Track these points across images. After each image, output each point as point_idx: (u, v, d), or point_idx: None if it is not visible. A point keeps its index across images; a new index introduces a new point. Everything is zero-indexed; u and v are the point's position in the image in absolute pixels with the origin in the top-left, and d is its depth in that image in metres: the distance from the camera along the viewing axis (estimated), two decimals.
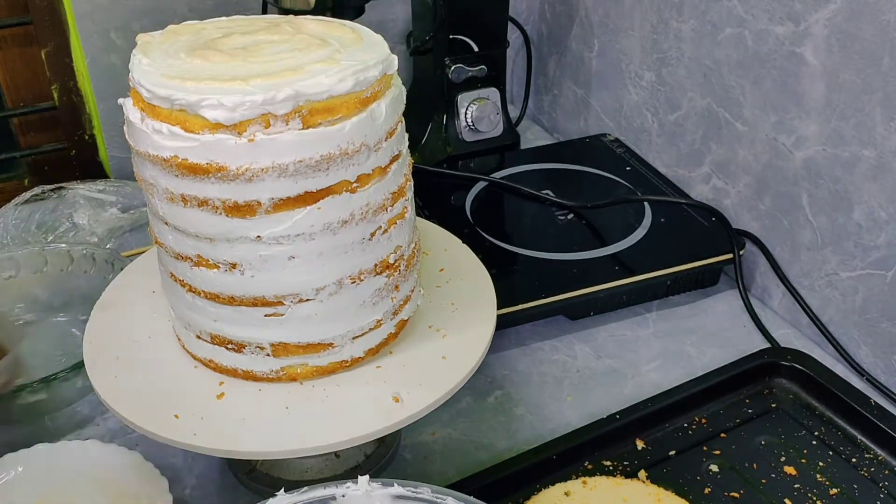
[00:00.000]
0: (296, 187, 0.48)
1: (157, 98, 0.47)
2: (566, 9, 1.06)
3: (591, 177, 0.94)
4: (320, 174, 0.48)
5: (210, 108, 0.45)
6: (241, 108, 0.45)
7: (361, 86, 0.48)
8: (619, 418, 0.64)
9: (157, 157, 0.48)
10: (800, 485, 0.60)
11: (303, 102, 0.46)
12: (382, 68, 0.50)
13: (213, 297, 0.51)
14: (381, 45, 0.52)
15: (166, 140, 0.47)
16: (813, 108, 0.72)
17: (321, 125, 0.47)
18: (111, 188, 0.94)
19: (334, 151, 0.48)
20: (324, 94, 0.46)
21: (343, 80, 0.47)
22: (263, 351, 0.53)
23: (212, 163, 0.46)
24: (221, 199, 0.48)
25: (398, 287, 0.56)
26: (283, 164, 0.46)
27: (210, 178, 0.47)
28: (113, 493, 0.58)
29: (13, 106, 0.95)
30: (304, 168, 0.47)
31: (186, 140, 0.46)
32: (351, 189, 0.49)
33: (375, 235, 0.52)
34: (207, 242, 0.50)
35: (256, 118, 0.45)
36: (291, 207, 0.48)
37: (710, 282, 0.83)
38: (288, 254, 0.49)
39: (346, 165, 0.49)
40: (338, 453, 0.62)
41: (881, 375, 0.72)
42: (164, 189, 0.49)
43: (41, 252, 0.77)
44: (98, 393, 0.54)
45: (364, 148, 0.49)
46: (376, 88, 0.50)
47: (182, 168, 0.47)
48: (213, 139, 0.46)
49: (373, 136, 0.49)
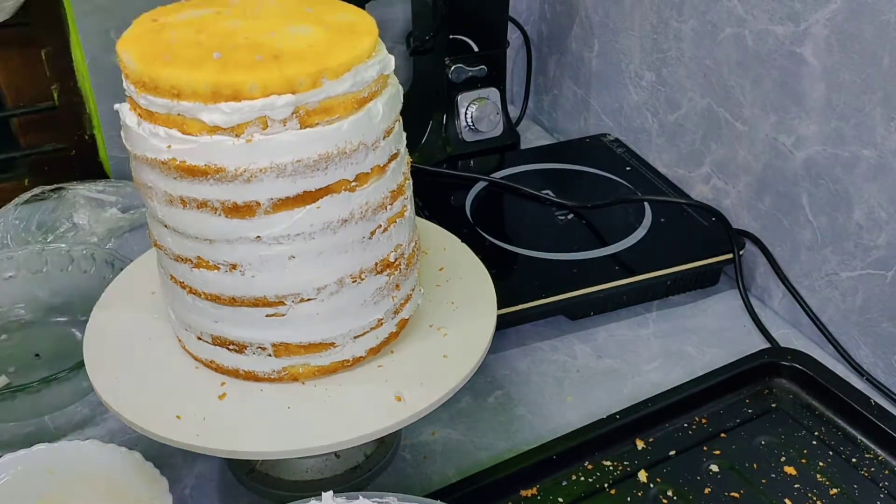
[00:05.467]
0: (294, 187, 0.48)
1: (154, 105, 0.47)
2: (566, 9, 1.06)
3: (591, 177, 0.94)
4: (319, 173, 0.48)
5: (208, 113, 0.45)
6: (238, 112, 0.45)
7: (358, 86, 0.48)
8: (619, 418, 0.64)
9: (155, 160, 0.48)
10: (800, 485, 0.60)
11: (301, 104, 0.46)
12: (380, 68, 0.50)
13: (214, 299, 0.51)
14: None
15: (164, 143, 0.47)
16: (813, 108, 0.72)
17: (318, 125, 0.47)
18: (111, 188, 0.94)
19: (332, 151, 0.48)
20: (321, 95, 0.46)
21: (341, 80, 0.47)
22: (265, 351, 0.53)
23: (210, 164, 0.46)
24: (220, 201, 0.47)
25: (399, 286, 0.56)
26: (281, 164, 0.46)
27: (208, 179, 0.47)
28: (113, 493, 0.58)
29: (13, 106, 0.95)
30: (302, 168, 0.47)
31: (184, 142, 0.46)
32: (350, 188, 0.49)
33: (375, 234, 0.52)
34: (207, 244, 0.49)
35: (254, 120, 0.45)
36: (291, 207, 0.48)
37: (710, 282, 0.83)
38: (288, 253, 0.49)
39: (345, 164, 0.49)
40: (338, 453, 0.62)
41: (881, 375, 0.72)
42: (163, 192, 0.49)
43: (41, 252, 0.77)
44: (98, 393, 0.54)
45: (362, 147, 0.49)
46: (373, 88, 0.50)
47: (180, 170, 0.47)
48: (210, 141, 0.46)
49: (370, 135, 0.49)
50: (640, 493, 0.60)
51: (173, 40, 0.49)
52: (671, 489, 0.60)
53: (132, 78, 0.48)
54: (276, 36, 0.49)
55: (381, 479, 0.63)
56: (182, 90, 0.45)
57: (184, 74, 0.45)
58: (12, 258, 0.77)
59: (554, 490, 0.60)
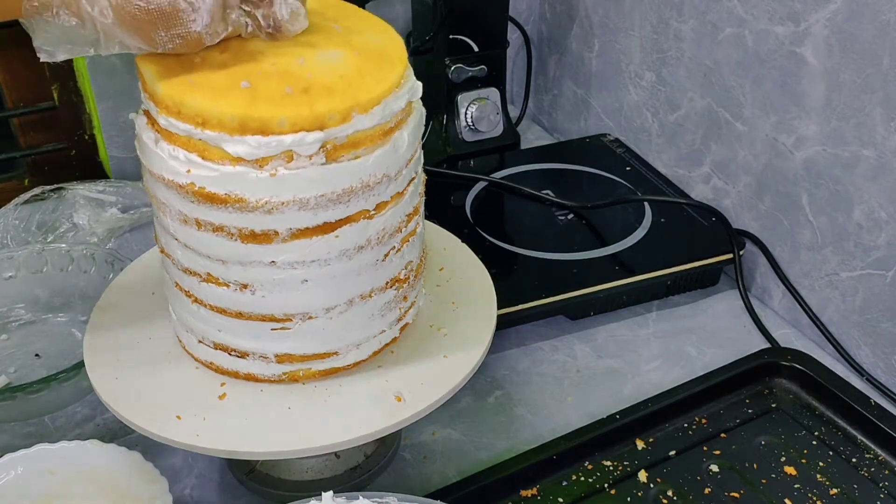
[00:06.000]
0: (315, 219, 0.47)
1: (175, 128, 0.45)
2: (566, 9, 1.06)
3: (591, 177, 0.94)
4: (340, 206, 0.47)
5: (233, 143, 0.44)
6: (265, 147, 0.44)
7: (387, 117, 0.47)
8: (619, 418, 0.64)
9: (173, 182, 0.46)
10: (800, 485, 0.60)
11: (329, 139, 0.45)
12: (408, 97, 0.49)
13: (220, 311, 0.51)
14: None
15: (183, 167, 0.46)
16: (813, 108, 0.72)
17: (344, 158, 0.46)
18: (111, 188, 0.94)
19: (356, 185, 0.47)
20: (350, 130, 0.45)
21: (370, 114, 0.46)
22: (267, 359, 0.53)
23: (231, 194, 0.45)
24: (238, 227, 0.47)
25: (406, 297, 0.56)
26: (304, 199, 0.46)
27: (228, 207, 0.46)
28: (113, 493, 0.58)
29: (13, 106, 0.95)
30: (325, 202, 0.46)
31: (205, 168, 0.45)
32: (369, 216, 0.49)
33: (389, 255, 0.52)
34: (220, 264, 0.49)
35: (280, 154, 0.44)
36: (309, 236, 0.47)
37: (710, 282, 0.83)
38: (301, 277, 0.49)
39: (367, 196, 0.48)
40: (338, 454, 0.62)
41: (881, 375, 0.72)
42: (178, 210, 0.48)
43: (41, 252, 0.77)
44: (98, 393, 0.53)
45: (385, 179, 0.48)
46: (400, 117, 0.49)
47: (199, 196, 0.46)
48: (233, 171, 0.45)
49: (394, 166, 0.49)
50: (640, 493, 0.60)
51: (197, 60, 0.46)
52: (671, 489, 0.60)
53: (154, 98, 0.46)
54: (305, 64, 0.47)
55: (381, 479, 0.63)
56: (208, 120, 0.44)
57: (211, 104, 0.44)
58: (12, 258, 0.76)
59: (554, 490, 0.60)
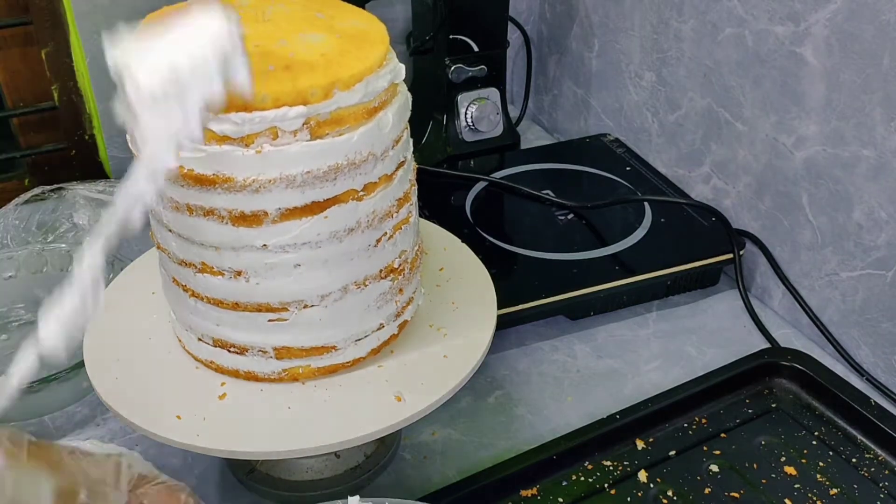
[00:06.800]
0: (303, 197, 0.47)
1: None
2: (566, 9, 1.06)
3: (591, 177, 0.94)
4: (328, 184, 0.47)
5: (217, 122, 0.45)
6: (249, 123, 0.44)
7: (369, 96, 0.48)
8: (619, 418, 0.64)
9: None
10: (800, 485, 0.60)
11: (312, 115, 0.45)
12: (391, 77, 0.49)
13: (217, 303, 0.51)
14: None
15: None
16: (813, 108, 0.72)
17: (329, 136, 0.47)
18: (111, 188, 0.94)
19: (342, 162, 0.47)
20: (332, 107, 0.46)
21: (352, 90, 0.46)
22: (266, 354, 0.53)
23: (218, 174, 0.46)
24: (228, 209, 0.47)
25: (402, 290, 0.56)
26: (290, 175, 0.46)
27: (216, 188, 0.46)
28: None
29: (13, 106, 0.95)
30: (311, 179, 0.47)
31: (192, 151, 0.46)
32: (357, 197, 0.49)
33: (381, 241, 0.52)
34: (213, 250, 0.49)
35: (264, 131, 0.45)
36: (298, 217, 0.48)
37: (710, 282, 0.83)
38: (294, 262, 0.49)
39: (353, 175, 0.48)
40: (338, 453, 0.62)
41: (881, 375, 0.72)
42: (169, 198, 0.48)
43: (41, 252, 0.77)
44: (98, 393, 0.54)
45: (371, 157, 0.49)
46: (384, 97, 0.49)
47: (188, 179, 0.47)
48: (219, 151, 0.45)
49: (380, 145, 0.49)
50: (640, 493, 0.60)
51: None
52: (671, 489, 0.60)
53: None
54: (287, 44, 0.48)
55: (381, 479, 0.63)
56: None
57: None
58: (12, 258, 0.77)
59: (554, 490, 0.60)
